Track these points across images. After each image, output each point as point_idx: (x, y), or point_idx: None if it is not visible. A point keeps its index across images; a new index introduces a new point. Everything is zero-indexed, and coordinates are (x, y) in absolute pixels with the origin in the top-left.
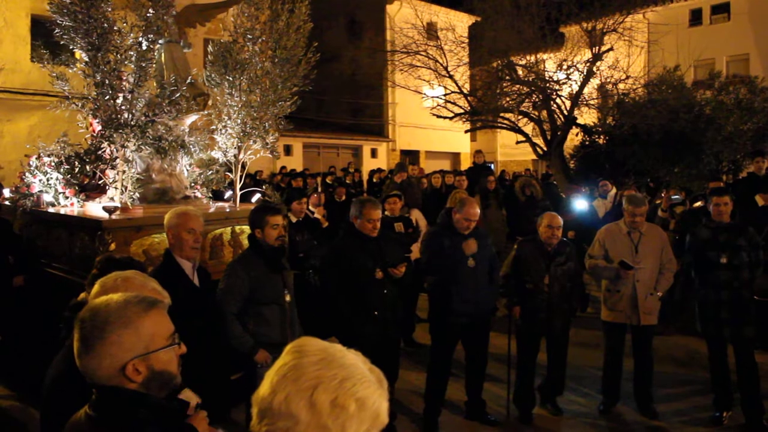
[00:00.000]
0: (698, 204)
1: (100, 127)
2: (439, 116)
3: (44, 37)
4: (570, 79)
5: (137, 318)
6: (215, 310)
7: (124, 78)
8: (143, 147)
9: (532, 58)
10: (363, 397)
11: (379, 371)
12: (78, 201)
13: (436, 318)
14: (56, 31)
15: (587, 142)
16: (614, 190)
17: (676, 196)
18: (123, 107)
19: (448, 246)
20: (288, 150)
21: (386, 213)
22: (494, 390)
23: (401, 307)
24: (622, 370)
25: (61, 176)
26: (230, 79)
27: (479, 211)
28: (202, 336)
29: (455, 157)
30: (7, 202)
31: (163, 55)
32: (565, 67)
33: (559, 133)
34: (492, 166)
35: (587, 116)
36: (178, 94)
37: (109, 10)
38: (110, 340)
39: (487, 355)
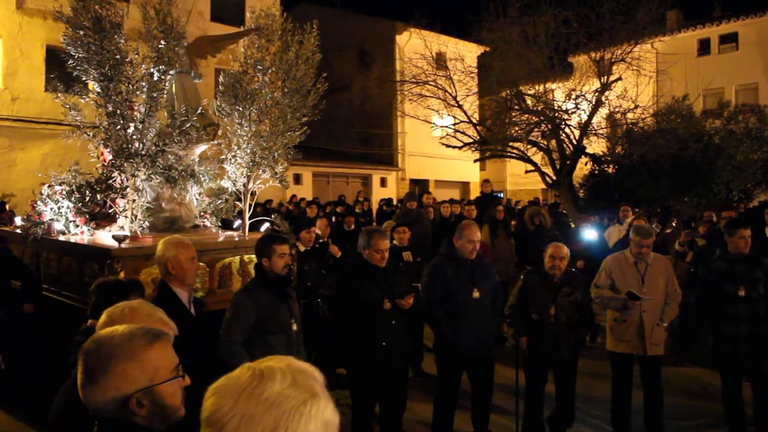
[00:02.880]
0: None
1: (111, 157)
2: (448, 146)
3: (59, 68)
4: (579, 108)
5: (142, 351)
6: (217, 340)
7: (136, 108)
8: (153, 176)
9: (541, 88)
10: (302, 431)
11: (307, 373)
12: (88, 229)
13: (440, 349)
14: (70, 62)
15: (596, 172)
16: (632, 218)
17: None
18: (134, 137)
19: (451, 276)
20: (297, 179)
21: (395, 242)
22: (503, 422)
23: (409, 338)
24: (632, 401)
25: (72, 205)
26: (240, 109)
27: (479, 233)
28: (202, 367)
29: (464, 186)
30: (18, 230)
31: (174, 85)
32: (573, 96)
33: (568, 163)
34: (501, 195)
35: (596, 145)
36: (188, 124)
37: (122, 41)
38: (114, 372)
39: (493, 386)
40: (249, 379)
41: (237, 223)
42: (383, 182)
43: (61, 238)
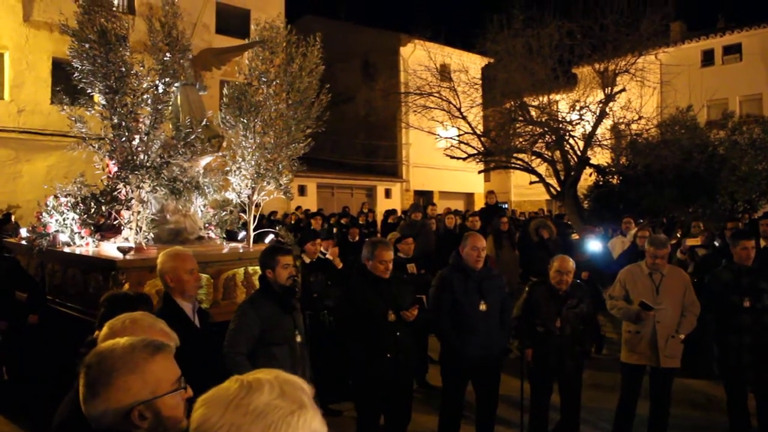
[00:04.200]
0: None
1: (116, 168)
2: (452, 157)
3: (65, 80)
4: (583, 119)
5: (143, 363)
6: (221, 351)
7: (141, 120)
8: (158, 188)
9: (545, 99)
10: None
11: (295, 384)
12: (93, 241)
13: (447, 360)
14: (75, 74)
15: (601, 183)
16: (635, 229)
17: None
18: (139, 149)
19: (459, 288)
20: (302, 190)
21: (399, 254)
22: None
23: (414, 350)
24: (636, 413)
25: (77, 216)
26: (245, 121)
27: (484, 242)
28: (206, 378)
29: (469, 197)
30: (23, 242)
31: (179, 97)
32: (577, 107)
33: (572, 174)
34: (506, 206)
35: (600, 156)
36: (193, 136)
37: (127, 54)
38: (116, 385)
39: (498, 398)
40: (237, 390)
41: (241, 234)
42: (388, 193)
43: (66, 249)
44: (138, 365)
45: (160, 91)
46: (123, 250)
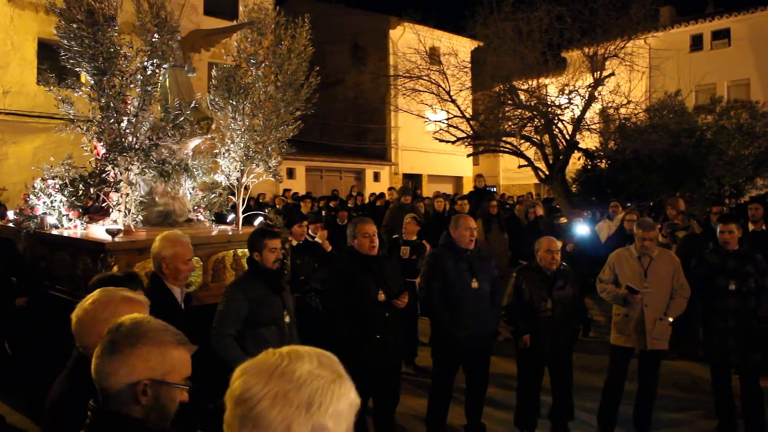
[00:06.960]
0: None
1: (104, 150)
2: (441, 140)
3: (51, 61)
4: (572, 103)
5: (169, 345)
6: (209, 334)
7: (129, 102)
8: (147, 170)
9: (534, 83)
10: (334, 407)
11: (329, 356)
12: (81, 223)
13: (437, 341)
14: (63, 54)
15: (589, 167)
16: (622, 213)
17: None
18: (127, 131)
19: (450, 266)
20: (291, 173)
21: (396, 236)
22: (497, 415)
23: (402, 330)
24: (622, 395)
25: (65, 198)
26: (233, 103)
27: (475, 223)
28: (194, 361)
29: (458, 180)
30: (10, 224)
31: (167, 79)
32: (566, 91)
33: (561, 158)
34: (494, 190)
35: (589, 141)
36: (182, 118)
37: (116, 34)
38: (139, 351)
39: (488, 380)
40: (278, 359)
41: (230, 217)
42: (376, 177)
43: (54, 231)
44: (164, 344)
45: (149, 72)
46: (112, 233)
